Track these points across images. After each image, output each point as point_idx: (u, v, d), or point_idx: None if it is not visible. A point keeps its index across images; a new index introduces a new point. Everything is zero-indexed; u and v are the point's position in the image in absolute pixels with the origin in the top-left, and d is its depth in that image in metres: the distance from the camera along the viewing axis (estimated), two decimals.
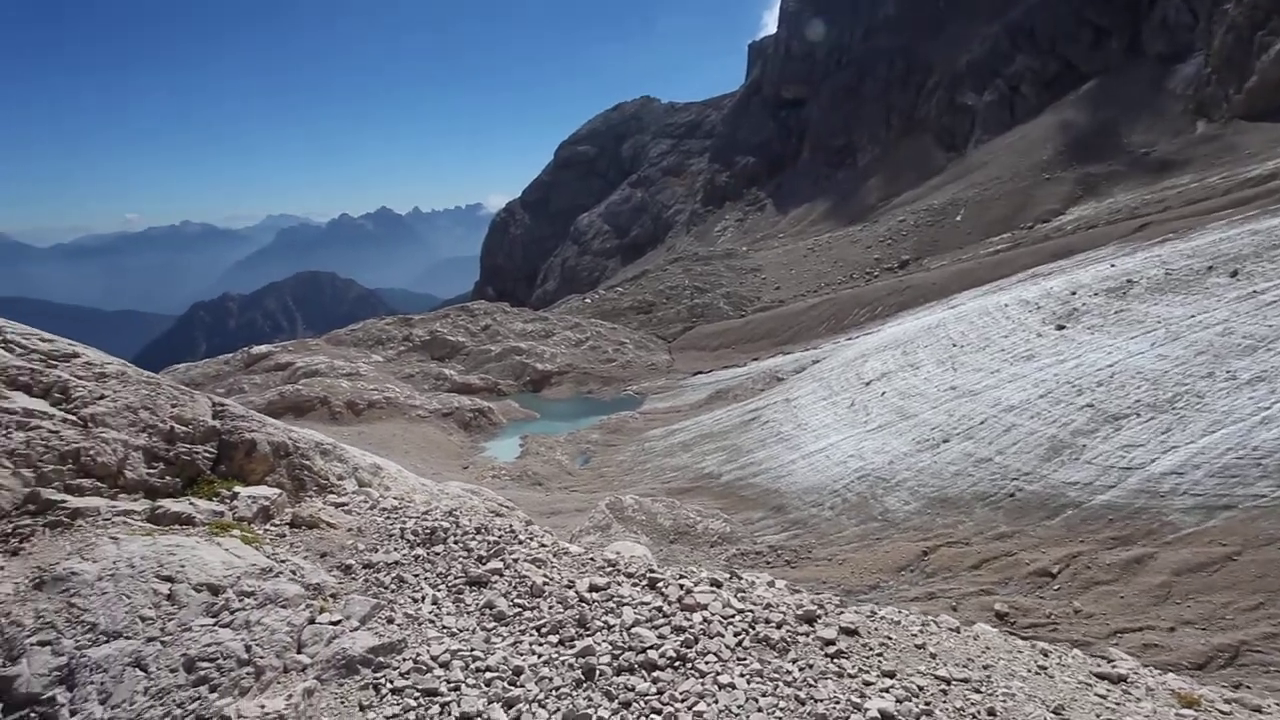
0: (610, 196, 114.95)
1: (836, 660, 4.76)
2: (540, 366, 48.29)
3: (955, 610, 14.75)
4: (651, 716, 4.02)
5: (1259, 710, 6.59)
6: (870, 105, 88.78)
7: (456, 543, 5.99)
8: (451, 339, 50.99)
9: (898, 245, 62.97)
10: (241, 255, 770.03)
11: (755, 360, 47.35)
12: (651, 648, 4.55)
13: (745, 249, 77.07)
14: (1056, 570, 15.53)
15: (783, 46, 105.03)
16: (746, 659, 4.60)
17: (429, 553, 5.78)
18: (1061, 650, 6.36)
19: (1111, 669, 6.18)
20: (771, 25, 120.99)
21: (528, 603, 5.14)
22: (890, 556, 18.09)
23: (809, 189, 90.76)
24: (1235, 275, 23.39)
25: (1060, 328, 25.40)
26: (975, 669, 5.09)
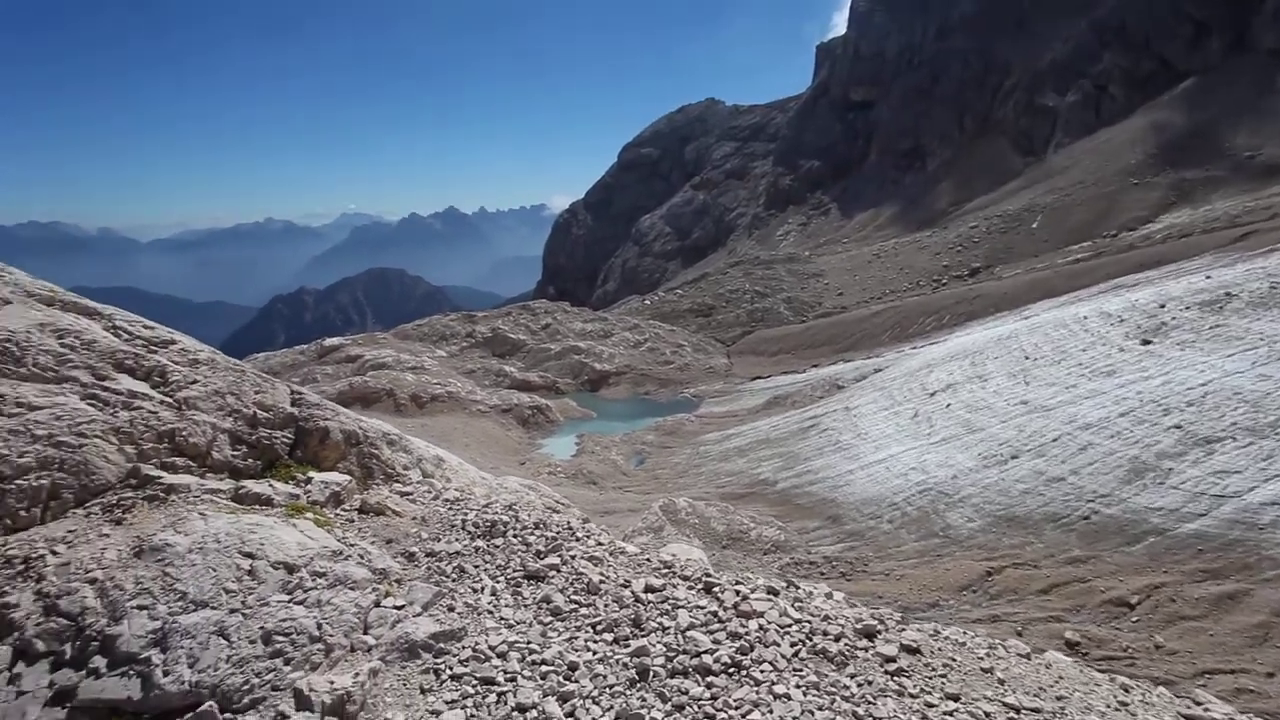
0: (672, 198, 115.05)
1: (897, 678, 4.61)
2: (598, 366, 48.74)
3: (1020, 635, 14.07)
4: None
5: None
6: (942, 107, 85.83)
7: (515, 536, 6.10)
8: (512, 336, 52.07)
9: (968, 252, 60.64)
10: (318, 251, 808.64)
11: (815, 367, 46.46)
12: (706, 652, 4.52)
13: (808, 253, 75.74)
14: (1136, 601, 14.59)
15: (852, 47, 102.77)
16: (803, 670, 4.51)
17: (489, 545, 5.91)
18: (1144, 687, 5.97)
19: (1204, 712, 5.76)
20: (841, 26, 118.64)
21: (584, 599, 5.19)
22: (951, 575, 17.40)
23: (875, 193, 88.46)
24: None
25: (1146, 342, 23.91)
26: (1048, 699, 4.83)
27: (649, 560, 6.10)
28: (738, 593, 5.35)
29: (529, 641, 4.61)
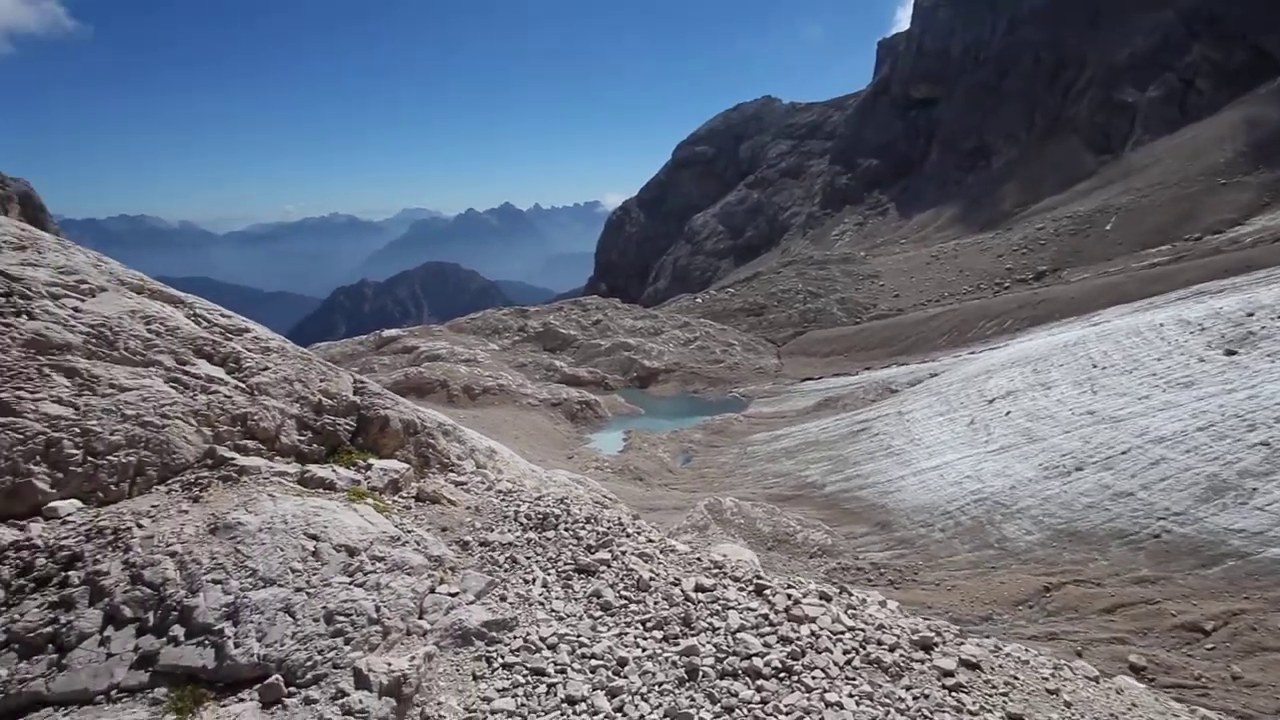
0: (726, 197, 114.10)
1: (955, 694, 4.46)
2: (648, 363, 48.82)
3: (1080, 655, 13.44)
4: None
5: None
6: (1010, 104, 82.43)
7: (567, 530, 6.16)
8: (563, 332, 52.64)
9: (1034, 255, 58.11)
10: (379, 245, 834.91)
11: (868, 369, 45.40)
12: (756, 655, 4.47)
13: (863, 254, 74.01)
14: (1211, 627, 13.75)
15: (915, 43, 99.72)
16: (856, 679, 4.41)
17: (540, 537, 5.99)
18: None
19: None
20: (904, 22, 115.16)
21: (634, 596, 5.20)
22: (1006, 588, 16.75)
23: (936, 193, 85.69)
24: None
25: (1230, 353, 22.46)
26: None
27: (699, 559, 6.07)
28: (789, 596, 5.28)
29: (579, 635, 4.65)
